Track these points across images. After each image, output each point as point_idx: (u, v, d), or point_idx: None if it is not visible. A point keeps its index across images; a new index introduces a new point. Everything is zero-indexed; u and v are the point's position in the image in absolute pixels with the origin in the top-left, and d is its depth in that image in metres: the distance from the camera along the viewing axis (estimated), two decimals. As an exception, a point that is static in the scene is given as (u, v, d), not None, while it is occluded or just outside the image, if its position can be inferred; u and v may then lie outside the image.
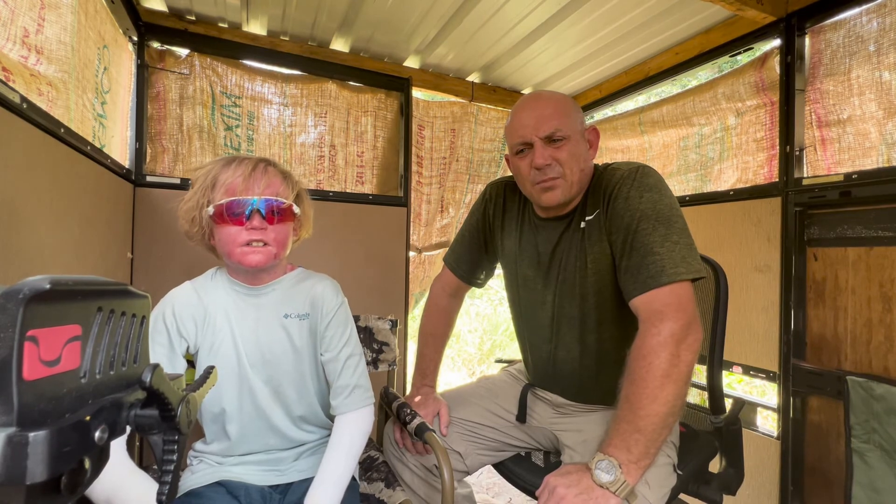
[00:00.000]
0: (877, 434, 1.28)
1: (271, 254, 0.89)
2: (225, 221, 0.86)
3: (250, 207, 0.86)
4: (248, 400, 0.95)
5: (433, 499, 1.11)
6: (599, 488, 0.80)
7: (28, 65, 1.05)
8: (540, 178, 1.00)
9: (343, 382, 0.98)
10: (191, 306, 0.93)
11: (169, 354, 0.90)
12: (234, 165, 0.90)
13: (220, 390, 0.93)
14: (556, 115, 1.00)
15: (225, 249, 0.89)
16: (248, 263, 0.88)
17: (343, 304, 1.03)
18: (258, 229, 0.87)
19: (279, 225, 0.89)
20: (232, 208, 0.85)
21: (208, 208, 0.88)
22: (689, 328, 0.83)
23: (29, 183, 0.92)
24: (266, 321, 0.95)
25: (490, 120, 2.46)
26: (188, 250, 1.70)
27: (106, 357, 0.30)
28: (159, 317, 0.91)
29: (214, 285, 0.96)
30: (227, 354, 0.93)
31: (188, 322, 0.92)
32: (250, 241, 0.87)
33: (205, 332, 0.93)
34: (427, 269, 2.43)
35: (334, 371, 0.98)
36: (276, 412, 0.97)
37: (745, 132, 1.80)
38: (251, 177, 0.88)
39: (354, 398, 0.97)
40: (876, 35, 1.40)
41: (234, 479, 0.94)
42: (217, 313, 0.94)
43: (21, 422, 0.24)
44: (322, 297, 0.99)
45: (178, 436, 0.34)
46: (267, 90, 1.95)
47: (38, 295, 0.25)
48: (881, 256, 1.35)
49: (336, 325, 0.99)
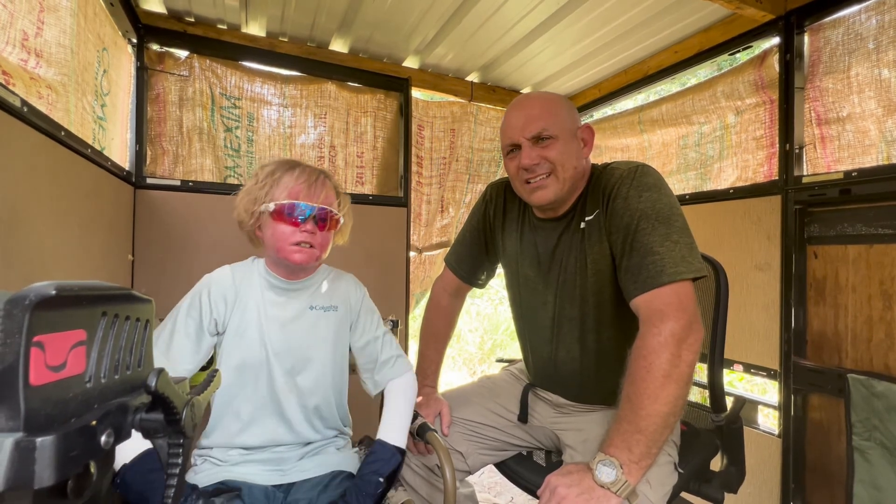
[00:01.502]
0: (878, 431, 1.28)
1: (315, 255, 0.98)
2: (282, 220, 0.95)
3: (308, 213, 0.96)
4: (265, 384, 1.00)
5: (435, 498, 1.11)
6: (601, 488, 0.80)
7: (28, 68, 1.05)
8: (527, 177, 1.01)
9: (386, 356, 1.09)
10: (225, 287, 1.00)
11: (198, 330, 0.96)
12: (299, 171, 0.99)
13: (241, 371, 0.98)
14: (543, 115, 1.00)
15: (275, 244, 0.96)
16: (294, 261, 0.96)
17: (365, 294, 1.14)
18: (309, 233, 0.96)
19: (327, 232, 1.00)
20: (292, 210, 0.95)
21: (268, 204, 0.95)
22: (690, 328, 0.84)
23: (29, 186, 0.92)
24: (293, 311, 1.03)
25: (490, 120, 2.46)
26: (189, 252, 1.70)
27: (111, 361, 0.30)
28: (196, 295, 0.99)
29: (250, 272, 1.04)
30: (251, 338, 0.99)
31: (220, 302, 0.99)
32: (300, 241, 0.95)
33: (233, 312, 0.99)
34: (427, 269, 2.43)
35: (375, 350, 1.09)
36: (290, 401, 1.01)
37: (745, 130, 1.80)
38: (314, 185, 0.98)
39: (399, 366, 1.09)
40: (875, 32, 1.40)
41: (237, 479, 0.94)
42: (248, 298, 1.01)
43: (28, 427, 0.24)
44: (347, 291, 1.10)
45: (182, 439, 0.34)
46: (266, 91, 1.95)
47: (43, 301, 0.25)
48: (881, 254, 1.35)
49: (366, 311, 1.11)
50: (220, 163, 1.89)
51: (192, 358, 0.96)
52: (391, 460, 0.95)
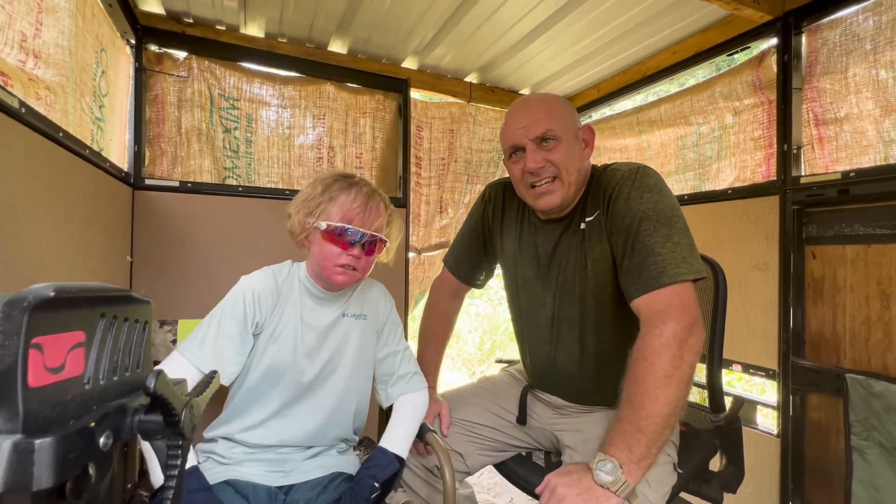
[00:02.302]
0: (876, 431, 1.28)
1: (356, 278, 1.00)
2: (332, 241, 0.96)
3: (358, 239, 0.96)
4: (291, 387, 1.01)
5: (435, 499, 1.11)
6: (600, 488, 0.80)
7: (26, 69, 1.04)
8: (533, 181, 1.00)
9: (404, 371, 1.11)
10: (269, 290, 1.01)
11: (242, 331, 0.97)
12: (355, 192, 0.99)
13: (269, 372, 0.99)
14: (546, 117, 0.99)
15: (321, 262, 0.98)
16: (336, 281, 0.98)
17: (394, 306, 1.17)
18: (355, 257, 0.97)
19: (371, 256, 1.01)
20: (344, 234, 0.96)
21: (321, 223, 0.96)
22: (691, 329, 0.84)
23: (28, 187, 0.91)
24: (328, 319, 1.05)
25: (488, 120, 2.46)
26: (187, 253, 1.70)
27: (110, 363, 0.30)
28: (240, 295, 0.99)
29: (292, 277, 1.06)
30: (286, 342, 1.01)
31: (264, 304, 1.00)
32: (345, 264, 0.96)
33: (273, 315, 1.01)
34: (426, 269, 2.43)
35: (395, 362, 1.11)
36: (312, 407, 1.02)
37: (743, 131, 1.80)
38: (366, 210, 0.98)
39: (415, 382, 1.11)
40: (872, 33, 1.40)
41: (241, 479, 0.95)
42: (289, 304, 1.02)
43: (26, 429, 0.24)
44: (376, 300, 1.13)
45: (181, 441, 0.34)
46: (265, 92, 1.95)
47: (42, 303, 0.25)
48: (879, 254, 1.36)
49: (392, 324, 1.14)
50: (219, 164, 1.89)
51: (237, 359, 0.97)
52: (389, 467, 0.95)
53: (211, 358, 0.93)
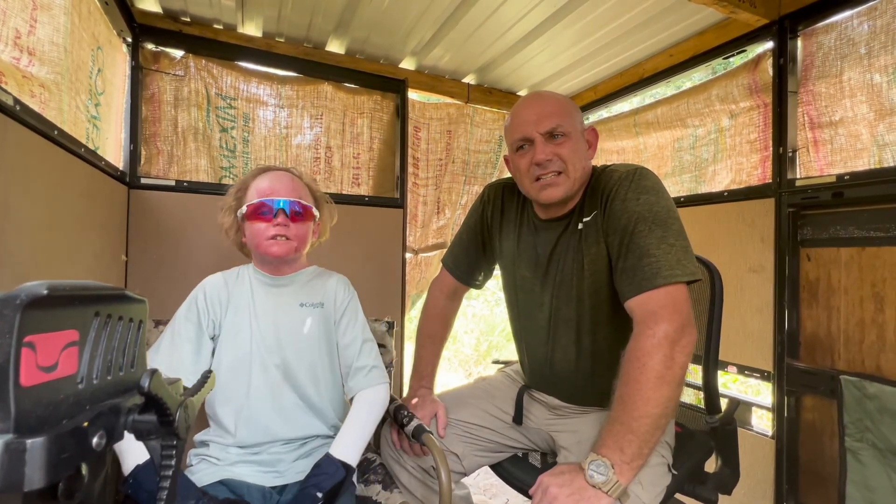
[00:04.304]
0: (870, 433, 1.29)
1: (292, 247, 1.03)
2: (255, 219, 1.01)
3: (276, 207, 1.00)
4: (260, 378, 1.02)
5: (431, 500, 1.11)
6: (592, 488, 0.80)
7: (20, 66, 1.04)
8: (539, 173, 1.01)
9: (361, 363, 1.09)
10: (218, 289, 1.06)
11: (197, 332, 1.01)
12: (265, 173, 1.06)
13: (235, 368, 1.01)
14: (557, 112, 1.01)
15: (254, 242, 1.03)
16: (272, 254, 1.02)
17: (354, 297, 1.17)
18: (282, 225, 1.01)
19: (300, 223, 1.04)
20: (262, 207, 1.01)
21: (242, 209, 1.03)
22: (683, 330, 0.84)
23: (22, 185, 0.91)
24: (284, 308, 1.07)
25: (486, 121, 2.46)
26: (183, 252, 1.69)
27: (103, 362, 0.30)
28: (193, 300, 1.04)
29: (241, 275, 1.10)
30: (244, 335, 1.03)
31: (216, 303, 1.04)
32: (276, 235, 1.01)
33: (228, 313, 1.04)
34: (423, 270, 2.43)
35: (353, 354, 1.10)
36: (283, 393, 1.03)
37: (739, 133, 1.81)
38: (279, 182, 1.03)
39: (373, 376, 1.09)
40: (867, 38, 1.41)
41: (235, 479, 0.94)
42: (241, 298, 1.06)
43: (18, 428, 0.24)
44: (335, 289, 1.13)
45: (176, 441, 0.34)
46: (262, 92, 1.95)
47: (35, 301, 0.25)
48: (873, 257, 1.37)
49: (350, 313, 1.13)
50: (216, 163, 1.88)
51: (193, 360, 0.98)
52: (335, 475, 0.91)
53: (168, 360, 0.95)
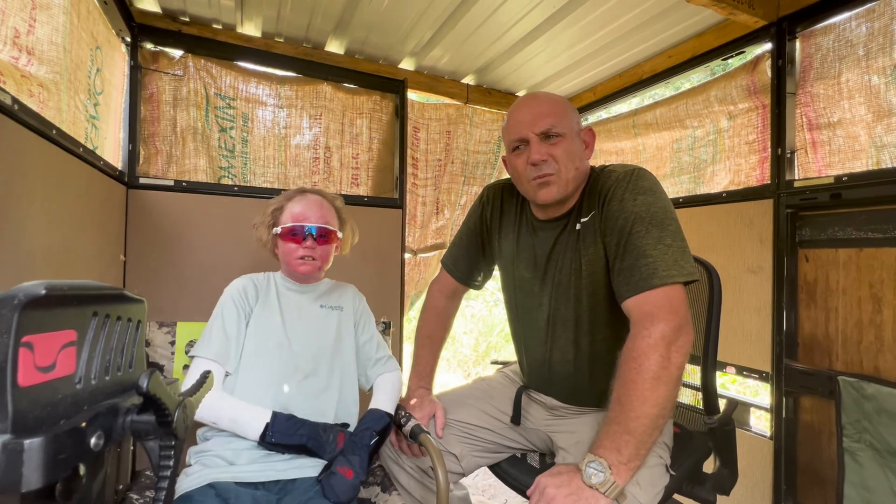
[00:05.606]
0: (868, 433, 1.29)
1: (317, 266, 1.19)
2: (288, 240, 1.17)
3: (307, 232, 1.16)
4: (290, 364, 1.12)
5: (429, 500, 1.11)
6: (589, 489, 0.80)
7: (19, 65, 1.04)
8: (535, 174, 1.01)
9: (380, 354, 1.27)
10: (250, 286, 1.19)
11: (238, 323, 1.12)
12: (301, 198, 1.21)
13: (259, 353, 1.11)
14: (551, 112, 1.01)
15: (285, 259, 1.19)
16: (300, 272, 1.18)
17: (364, 300, 1.35)
18: (310, 248, 1.16)
19: (325, 245, 1.19)
20: (294, 231, 1.16)
21: (276, 228, 1.19)
22: (679, 330, 0.84)
23: (20, 185, 0.91)
24: (307, 306, 1.22)
25: (485, 122, 2.46)
26: (181, 253, 1.69)
27: (101, 362, 0.30)
28: (228, 297, 1.16)
29: (268, 279, 1.24)
30: (274, 323, 1.16)
31: (248, 294, 1.17)
32: (304, 255, 1.16)
33: (258, 303, 1.17)
34: (422, 270, 2.43)
35: (372, 348, 1.27)
36: (309, 380, 1.13)
37: (738, 135, 1.82)
38: (309, 209, 1.18)
39: (391, 364, 1.28)
40: (865, 39, 1.41)
41: (227, 481, 0.94)
42: (269, 295, 1.20)
43: (16, 429, 0.24)
44: (351, 296, 1.31)
45: (174, 441, 0.34)
46: (261, 92, 1.94)
47: (33, 301, 0.25)
48: (871, 258, 1.37)
49: (366, 315, 1.31)
50: (214, 163, 1.88)
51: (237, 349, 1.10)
52: (381, 420, 1.10)
53: (222, 348, 1.07)
